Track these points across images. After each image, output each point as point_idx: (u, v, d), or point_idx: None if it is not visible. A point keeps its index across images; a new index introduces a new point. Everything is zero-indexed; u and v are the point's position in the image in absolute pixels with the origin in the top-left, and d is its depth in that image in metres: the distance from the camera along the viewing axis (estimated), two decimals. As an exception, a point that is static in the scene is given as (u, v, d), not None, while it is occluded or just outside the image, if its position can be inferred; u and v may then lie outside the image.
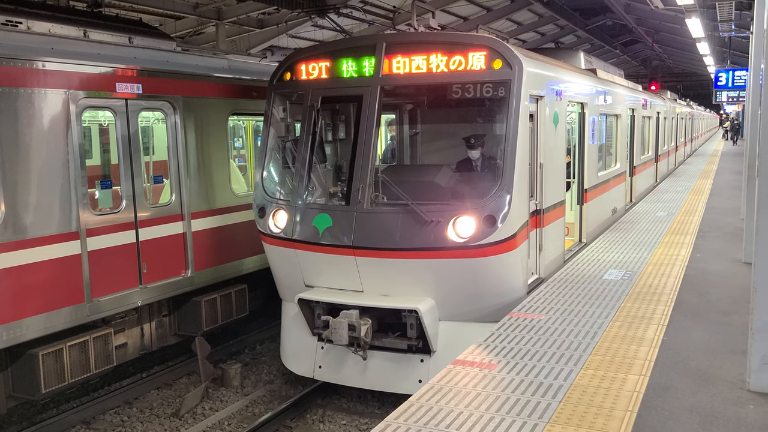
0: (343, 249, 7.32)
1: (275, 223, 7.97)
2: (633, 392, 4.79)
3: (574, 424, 4.30)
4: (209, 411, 8.21)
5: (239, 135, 12.77)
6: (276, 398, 8.48)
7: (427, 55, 7.37)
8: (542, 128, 8.10)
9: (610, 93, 12.45)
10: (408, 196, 7.22)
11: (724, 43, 26.25)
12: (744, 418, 4.41)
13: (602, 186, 11.85)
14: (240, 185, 10.46)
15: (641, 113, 16.76)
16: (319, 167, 8.42)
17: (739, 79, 24.83)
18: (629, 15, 25.48)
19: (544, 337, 6.01)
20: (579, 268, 8.65)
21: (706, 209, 14.13)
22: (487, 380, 5.06)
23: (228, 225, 9.55)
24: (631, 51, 38.99)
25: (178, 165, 8.79)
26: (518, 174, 7.10)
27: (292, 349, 8.21)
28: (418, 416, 4.49)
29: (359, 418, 7.82)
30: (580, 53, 12.44)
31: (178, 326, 9.29)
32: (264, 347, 10.39)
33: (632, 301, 7.13)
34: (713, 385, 4.95)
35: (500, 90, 7.23)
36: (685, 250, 9.80)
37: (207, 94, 9.19)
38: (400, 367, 7.42)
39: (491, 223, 6.91)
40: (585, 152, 10.52)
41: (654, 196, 16.79)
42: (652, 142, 19.54)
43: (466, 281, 7.10)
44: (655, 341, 5.88)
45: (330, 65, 7.88)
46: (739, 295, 7.30)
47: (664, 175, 22.59)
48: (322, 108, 8.15)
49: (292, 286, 7.96)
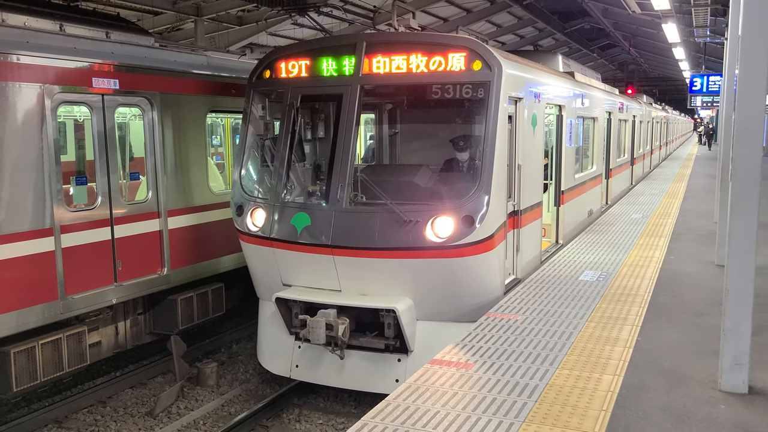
0: (322, 248, 7.31)
1: (253, 221, 7.93)
2: (607, 392, 4.85)
3: (550, 424, 4.33)
4: (184, 410, 8.14)
5: (217, 132, 12.68)
6: (252, 397, 8.44)
7: (407, 55, 7.38)
8: (520, 130, 8.16)
9: (587, 96, 12.57)
10: (387, 196, 7.23)
11: (699, 49, 26.66)
12: (716, 418, 4.48)
13: (579, 188, 11.96)
14: (218, 183, 10.39)
15: (618, 116, 16.95)
16: (298, 166, 8.39)
17: (713, 84, 25.23)
18: (607, 19, 25.77)
19: (520, 337, 6.05)
20: (555, 269, 8.72)
21: (680, 212, 14.33)
22: (464, 380, 5.08)
23: (205, 223, 9.48)
24: (608, 55, 39.43)
25: (155, 162, 8.70)
26: (496, 175, 7.14)
27: (269, 348, 8.18)
28: (395, 415, 4.49)
29: (336, 417, 7.81)
30: (558, 56, 12.55)
31: (153, 325, 9.21)
32: (240, 346, 10.33)
33: (607, 302, 7.21)
34: (686, 385, 5.02)
35: (479, 91, 7.26)
36: (660, 252, 9.93)
37: (185, 91, 9.12)
38: (377, 367, 7.43)
39: (469, 223, 6.94)
40: (562, 154, 10.61)
41: (629, 198, 16.98)
42: (628, 146, 19.77)
43: (444, 281, 7.13)
44: (630, 342, 5.95)
45: (310, 64, 7.86)
46: (711, 296, 7.41)
47: (640, 178, 22.87)
48: (302, 106, 8.13)
49: (269, 284, 7.93)
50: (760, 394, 4.88)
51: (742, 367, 4.87)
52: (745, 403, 4.72)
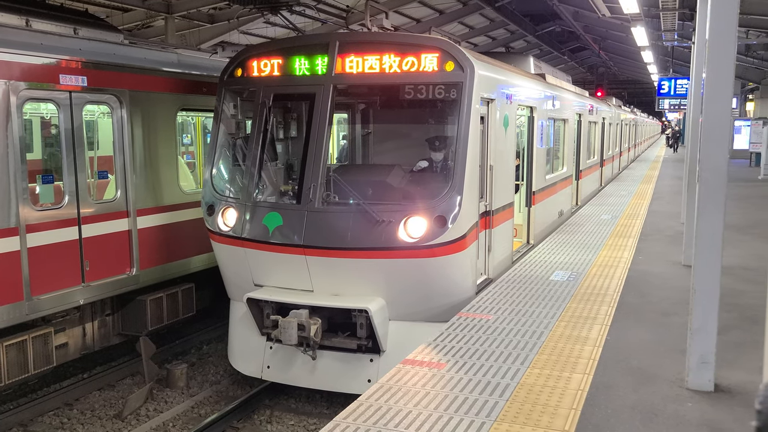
0: (294, 248, 7.27)
1: (224, 221, 7.86)
2: (577, 390, 4.90)
3: (521, 422, 4.36)
4: (153, 412, 8.03)
5: (188, 131, 12.54)
6: (223, 399, 8.36)
7: (380, 55, 7.38)
8: (492, 131, 8.21)
9: (558, 98, 12.69)
10: (360, 196, 7.22)
11: (667, 53, 27.12)
12: (683, 416, 4.55)
13: (550, 189, 12.08)
14: (188, 182, 10.27)
15: (588, 118, 17.15)
16: (270, 165, 8.34)
17: (680, 87, 25.68)
18: (577, 22, 26.09)
19: (492, 336, 6.09)
20: (527, 269, 8.79)
21: (648, 213, 14.55)
22: (436, 379, 5.09)
23: (175, 223, 9.37)
24: (579, 57, 39.92)
25: (124, 160, 8.58)
26: (469, 175, 7.17)
27: (240, 349, 8.11)
28: (367, 416, 4.48)
29: (307, 418, 7.77)
30: (530, 58, 12.66)
31: (122, 326, 9.08)
32: (211, 347, 10.23)
33: (577, 301, 7.29)
34: (654, 384, 5.10)
35: (452, 92, 7.29)
36: (628, 252, 10.07)
37: (155, 89, 9.00)
38: (349, 367, 7.41)
39: (442, 223, 6.96)
40: (533, 155, 10.70)
41: (599, 199, 17.20)
42: (597, 147, 20.03)
43: (417, 281, 7.14)
44: (599, 341, 6.02)
45: (282, 63, 7.82)
46: (678, 296, 7.53)
47: (609, 180, 23.18)
48: (274, 105, 8.08)
49: (241, 285, 7.87)
50: (725, 392, 4.97)
51: (709, 365, 4.95)
52: (711, 400, 4.81)
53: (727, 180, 4.94)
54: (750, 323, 6.69)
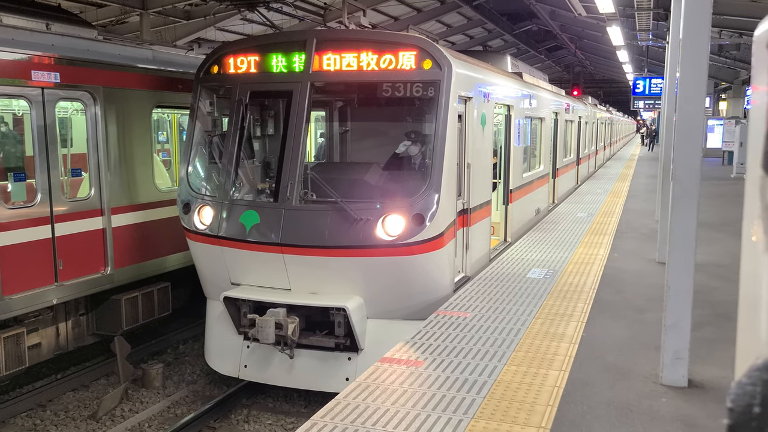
0: (271, 246, 7.23)
1: (201, 219, 7.79)
2: (554, 387, 4.93)
3: (498, 419, 4.38)
4: (129, 413, 7.94)
5: (164, 128, 12.42)
6: (199, 398, 8.30)
7: (357, 52, 7.36)
8: (470, 129, 8.24)
9: (535, 97, 12.77)
10: (337, 194, 7.20)
11: (642, 52, 27.44)
12: (657, 411, 4.61)
13: (527, 187, 12.16)
14: (164, 180, 10.17)
15: (564, 117, 17.29)
16: (247, 163, 8.29)
17: (655, 86, 26.00)
18: (554, 21, 26.28)
19: (469, 334, 6.11)
20: (504, 267, 8.84)
21: (623, 211, 14.71)
22: (414, 377, 5.10)
23: (151, 221, 9.27)
24: (555, 57, 40.22)
25: (98, 158, 8.46)
26: (446, 173, 7.19)
27: (216, 348, 8.05)
28: (344, 414, 4.47)
29: (285, 417, 7.74)
30: (507, 57, 12.72)
31: (96, 325, 8.96)
32: (187, 347, 10.14)
33: (554, 298, 7.34)
34: (629, 380, 5.15)
35: (430, 90, 7.30)
36: (604, 249, 10.17)
37: (129, 85, 8.89)
38: (327, 366, 7.39)
39: (419, 221, 6.97)
40: (511, 154, 10.76)
41: (575, 197, 17.35)
42: (573, 146, 20.20)
43: (395, 279, 7.14)
44: (575, 337, 6.07)
45: (259, 60, 7.77)
46: (653, 293, 7.62)
47: (585, 178, 23.39)
48: (251, 103, 8.03)
49: (217, 283, 7.81)
50: (699, 387, 5.04)
51: (683, 361, 5.02)
52: (685, 396, 4.87)
53: (701, 178, 5.00)
54: (722, 320, 6.79)
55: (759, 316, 0.71)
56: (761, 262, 0.70)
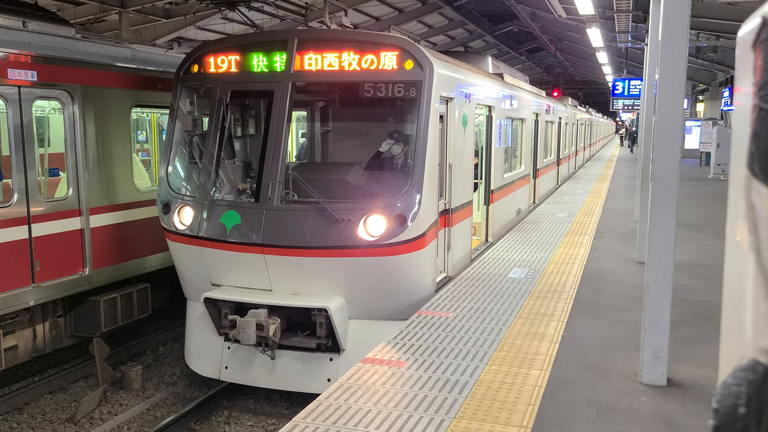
0: (252, 247, 7.19)
1: (181, 219, 7.73)
2: (535, 387, 4.95)
3: (480, 419, 4.39)
4: (107, 415, 7.86)
5: (143, 128, 12.31)
6: (179, 400, 8.23)
7: (339, 52, 7.35)
8: (451, 129, 8.25)
9: (516, 97, 12.84)
10: (319, 194, 7.18)
11: (621, 54, 27.70)
12: (637, 410, 4.64)
13: (508, 187, 12.21)
14: (143, 180, 10.07)
15: (544, 118, 17.39)
16: (228, 163, 8.23)
17: (634, 88, 26.26)
18: (534, 23, 26.44)
19: (451, 334, 6.12)
20: (485, 267, 8.87)
21: (602, 211, 14.83)
22: (396, 378, 5.09)
23: (130, 221, 9.18)
24: (536, 58, 40.46)
25: (76, 158, 8.36)
26: (428, 174, 7.20)
27: (197, 349, 7.99)
28: (326, 415, 4.46)
29: (266, 418, 7.70)
30: (488, 58, 12.77)
31: (74, 327, 8.84)
32: (167, 348, 10.05)
33: (535, 298, 7.38)
34: (609, 379, 5.19)
35: (411, 90, 7.30)
36: (584, 249, 10.25)
37: (108, 84, 8.79)
38: (308, 367, 7.37)
39: (401, 222, 6.97)
40: (492, 154, 10.80)
41: (555, 197, 17.47)
42: (554, 147, 20.33)
43: (376, 279, 7.14)
44: (556, 337, 6.11)
45: (240, 59, 7.72)
46: (632, 292, 7.69)
47: (565, 178, 23.56)
48: (231, 102, 7.98)
49: (198, 284, 7.75)
50: (677, 386, 5.09)
51: (662, 360, 5.06)
52: (664, 395, 4.92)
53: (680, 179, 5.05)
54: (701, 319, 6.87)
55: (743, 316, 0.71)
56: (746, 261, 0.70)
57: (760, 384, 0.70)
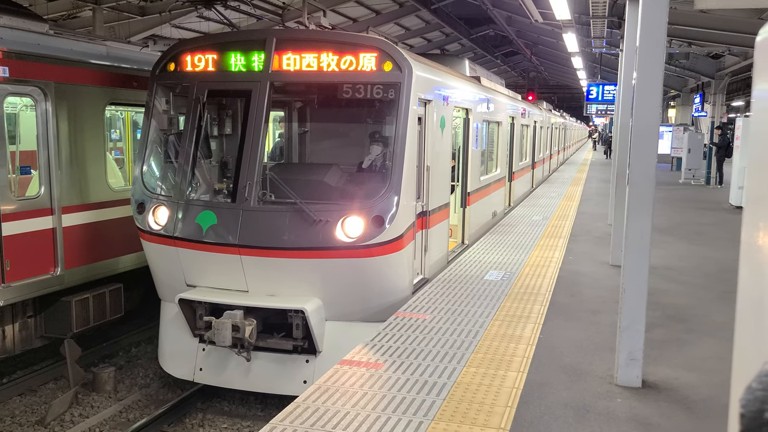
0: (228, 248, 7.13)
1: (155, 219, 7.63)
2: (512, 388, 4.98)
3: (458, 421, 4.40)
4: (78, 418, 7.72)
5: (117, 126, 12.13)
6: (153, 403, 8.12)
7: (317, 53, 7.32)
8: (429, 132, 8.27)
9: (492, 101, 12.91)
10: (296, 195, 7.14)
11: (595, 59, 28.00)
12: (612, 411, 4.69)
13: (484, 190, 12.27)
14: (117, 179, 9.93)
15: (520, 121, 17.52)
16: (204, 162, 8.15)
17: (608, 93, 26.59)
18: (510, 27, 26.60)
19: (429, 336, 6.12)
20: (462, 269, 8.90)
21: (577, 214, 14.98)
22: (374, 380, 5.08)
23: (103, 221, 9.03)
24: (512, 62, 40.72)
25: (49, 156, 8.21)
26: (406, 176, 7.20)
27: (171, 351, 7.89)
28: (303, 417, 4.43)
29: (241, 421, 7.63)
30: (465, 61, 12.82)
31: (45, 328, 8.67)
32: (140, 349, 9.91)
33: (511, 300, 7.42)
34: (585, 381, 5.23)
35: (390, 92, 7.30)
36: (559, 252, 10.34)
37: (82, 81, 8.65)
38: (284, 368, 7.32)
39: (379, 223, 6.96)
40: (468, 157, 10.84)
41: (530, 200, 17.60)
42: (529, 150, 20.49)
43: (354, 281, 7.12)
44: (532, 339, 6.15)
45: (217, 58, 7.65)
46: (607, 295, 7.77)
47: (540, 181, 23.75)
48: (208, 102, 7.90)
49: (172, 285, 7.65)
50: (652, 387, 5.15)
51: (637, 362, 5.12)
52: (639, 396, 4.97)
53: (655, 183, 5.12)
54: (673, 321, 6.97)
55: (763, 321, 0.71)
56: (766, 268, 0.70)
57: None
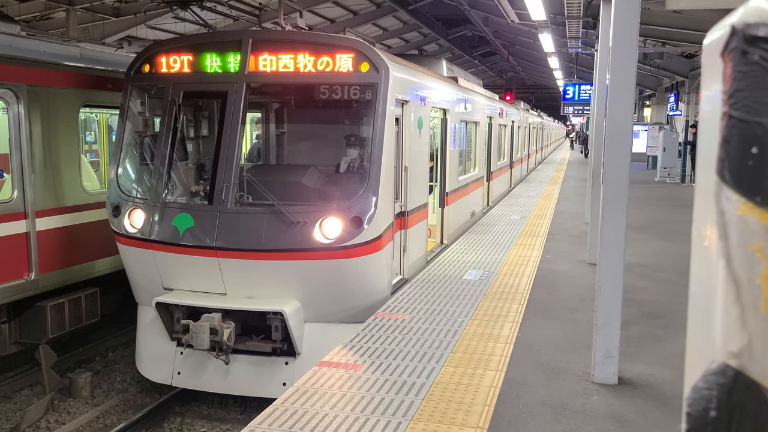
0: (205, 250, 7.08)
1: (131, 222, 7.55)
2: (491, 387, 5.00)
3: (436, 421, 4.41)
4: (54, 424, 7.62)
5: (92, 129, 12.00)
6: (130, 407, 8.04)
7: (294, 54, 7.30)
8: (407, 132, 8.28)
9: (470, 101, 12.96)
10: (274, 197, 7.11)
11: (571, 59, 28.26)
12: (590, 408, 4.73)
13: (462, 190, 12.32)
14: (92, 182, 9.81)
15: (498, 121, 17.61)
16: (180, 164, 8.09)
17: (584, 93, 26.83)
18: (487, 27, 26.75)
19: (407, 336, 6.13)
20: (440, 269, 8.92)
21: (554, 213, 15.10)
22: (353, 381, 5.08)
23: (78, 224, 8.92)
24: (489, 62, 40.93)
25: (22, 159, 8.09)
26: (384, 176, 7.20)
27: (148, 355, 7.82)
28: (282, 420, 4.41)
29: (220, 424, 7.58)
30: (442, 61, 12.87)
31: (19, 333, 8.54)
32: (117, 354, 9.81)
33: (490, 300, 7.46)
34: (562, 379, 5.28)
35: (367, 93, 7.30)
36: (537, 251, 10.41)
37: (55, 84, 8.54)
38: (264, 371, 7.28)
39: (358, 224, 6.96)
40: (446, 157, 10.88)
41: (509, 200, 17.70)
42: (507, 150, 20.61)
43: (333, 282, 7.11)
44: (511, 338, 6.18)
45: (193, 59, 7.60)
46: (583, 293, 7.84)
47: (518, 181, 23.90)
48: (184, 103, 7.84)
49: (149, 288, 7.58)
50: (628, 384, 5.21)
51: (613, 359, 5.18)
52: (616, 393, 5.02)
53: (629, 181, 5.17)
54: (648, 318, 7.05)
55: (712, 321, 0.73)
56: (715, 266, 0.72)
57: (730, 387, 0.71)
